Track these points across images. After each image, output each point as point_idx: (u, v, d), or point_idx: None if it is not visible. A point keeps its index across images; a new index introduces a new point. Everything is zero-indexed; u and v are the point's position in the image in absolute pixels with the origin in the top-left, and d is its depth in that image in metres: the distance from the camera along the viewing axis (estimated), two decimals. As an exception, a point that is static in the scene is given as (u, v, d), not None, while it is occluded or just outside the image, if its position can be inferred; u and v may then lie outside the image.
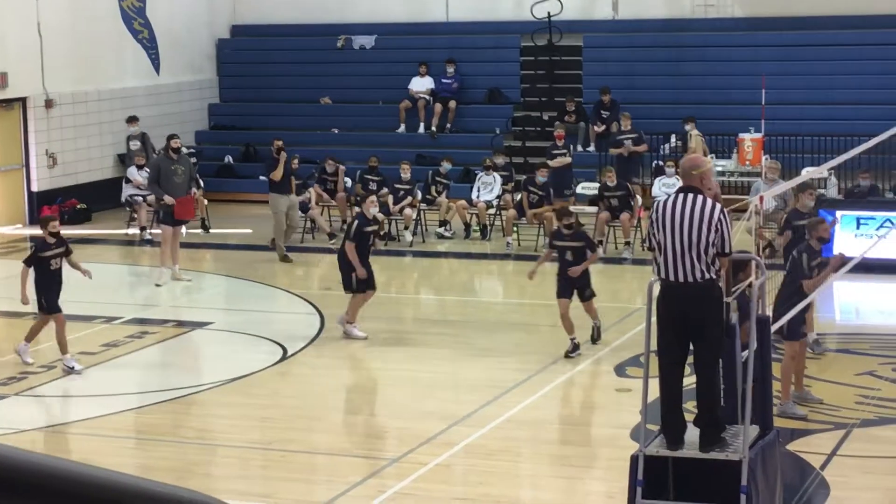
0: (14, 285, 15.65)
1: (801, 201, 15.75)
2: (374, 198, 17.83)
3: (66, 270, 15.55)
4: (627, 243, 22.18)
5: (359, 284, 16.87)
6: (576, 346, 15.89)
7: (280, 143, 22.91)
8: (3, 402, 14.44)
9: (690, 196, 8.89)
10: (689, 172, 9.06)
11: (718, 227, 8.79)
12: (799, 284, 13.17)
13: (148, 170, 22.73)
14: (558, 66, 29.09)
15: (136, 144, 26.63)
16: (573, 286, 15.97)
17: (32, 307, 15.50)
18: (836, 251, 14.88)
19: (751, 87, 24.86)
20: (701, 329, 8.83)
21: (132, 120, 26.93)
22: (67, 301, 15.55)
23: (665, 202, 8.99)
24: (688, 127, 25.44)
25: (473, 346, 16.43)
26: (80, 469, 2.60)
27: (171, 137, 21.31)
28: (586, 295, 16.12)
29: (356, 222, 17.12)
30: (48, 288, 15.32)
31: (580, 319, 16.01)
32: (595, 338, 16.43)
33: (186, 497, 2.76)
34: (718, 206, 8.90)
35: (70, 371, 15.36)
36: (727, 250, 8.86)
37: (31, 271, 15.35)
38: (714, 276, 8.82)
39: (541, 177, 23.15)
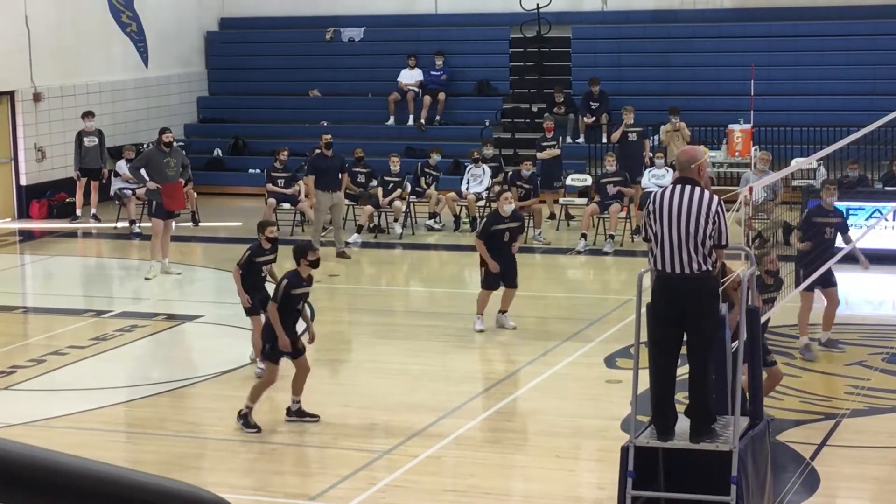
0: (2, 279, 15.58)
1: (825, 199, 15.68)
2: (508, 194, 16.62)
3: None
4: (611, 236, 22.03)
5: (490, 280, 16.28)
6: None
7: (329, 137, 21.99)
8: (-7, 397, 14.41)
9: (688, 188, 8.87)
10: (687, 165, 9.03)
11: (716, 219, 8.78)
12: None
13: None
14: (547, 58, 29.10)
15: (92, 141, 25.24)
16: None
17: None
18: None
19: (740, 77, 24.86)
20: (697, 320, 8.82)
21: (88, 115, 25.51)
22: (57, 295, 15.49)
23: (662, 194, 8.97)
24: (674, 119, 25.19)
25: (463, 338, 16.42)
26: (99, 467, 2.56)
27: (163, 131, 21.22)
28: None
29: (485, 220, 16.58)
30: (253, 294, 14.63)
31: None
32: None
33: (208, 497, 2.74)
34: (716, 198, 8.89)
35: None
36: (724, 242, 8.86)
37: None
38: (710, 268, 8.82)
39: (525, 170, 23.12)
